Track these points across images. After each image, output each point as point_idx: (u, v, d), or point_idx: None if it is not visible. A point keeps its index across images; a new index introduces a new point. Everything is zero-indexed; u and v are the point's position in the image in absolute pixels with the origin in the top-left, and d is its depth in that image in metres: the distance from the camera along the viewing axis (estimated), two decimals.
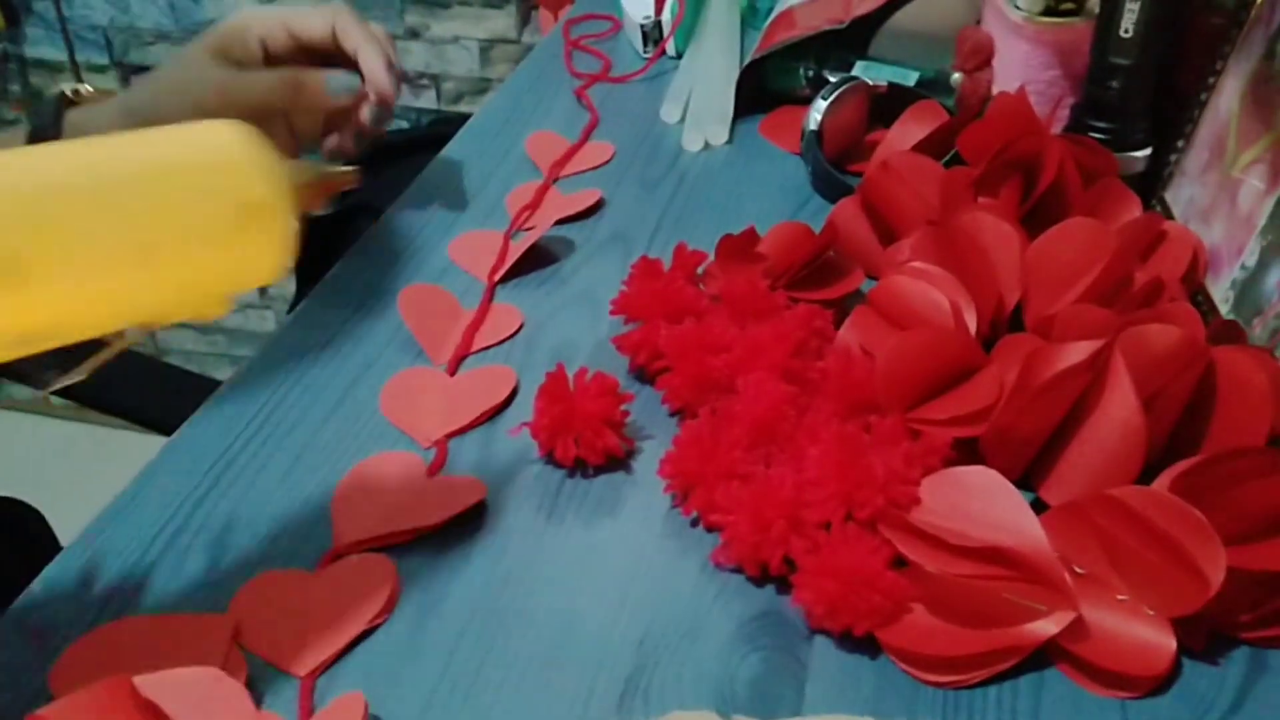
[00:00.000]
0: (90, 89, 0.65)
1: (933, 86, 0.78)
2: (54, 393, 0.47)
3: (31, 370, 0.39)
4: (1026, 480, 0.49)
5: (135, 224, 0.36)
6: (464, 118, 0.87)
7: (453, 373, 0.59)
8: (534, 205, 0.73)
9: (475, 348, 0.61)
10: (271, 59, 0.64)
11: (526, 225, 0.72)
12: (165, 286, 0.38)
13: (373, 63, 0.65)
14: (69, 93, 0.64)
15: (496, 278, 0.66)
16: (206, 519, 0.51)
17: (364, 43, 0.65)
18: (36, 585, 0.48)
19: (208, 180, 0.38)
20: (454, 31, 2.19)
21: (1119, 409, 0.46)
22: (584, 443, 0.52)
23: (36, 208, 0.34)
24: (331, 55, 0.65)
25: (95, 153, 0.37)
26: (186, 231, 0.37)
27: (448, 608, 0.46)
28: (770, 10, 0.89)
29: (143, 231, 0.36)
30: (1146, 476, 0.45)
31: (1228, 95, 0.61)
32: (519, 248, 0.67)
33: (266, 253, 0.40)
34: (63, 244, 0.34)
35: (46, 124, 0.62)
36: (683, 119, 0.83)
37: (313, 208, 0.49)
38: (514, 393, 0.57)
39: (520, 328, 0.63)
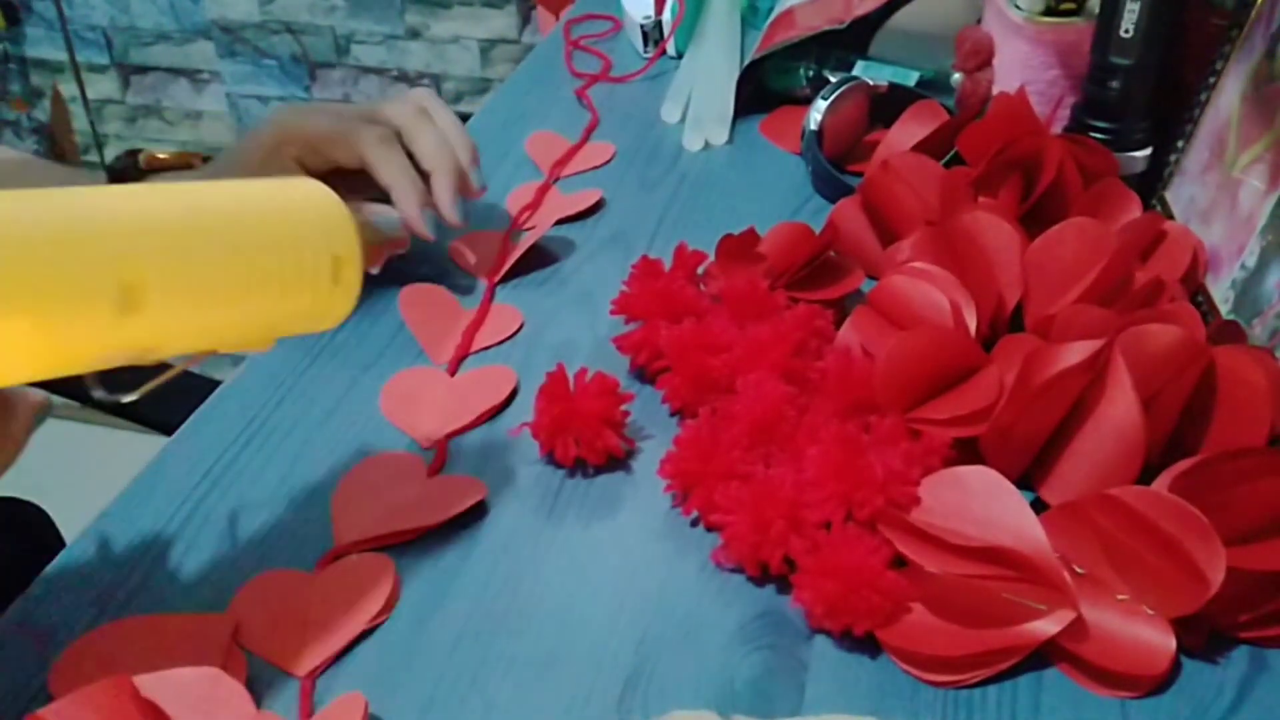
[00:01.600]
0: (167, 154, 0.63)
1: (933, 86, 0.78)
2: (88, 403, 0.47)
3: (82, 384, 0.41)
4: (1026, 480, 0.49)
5: (242, 264, 0.39)
6: (464, 118, 0.87)
7: (453, 373, 0.59)
8: (535, 205, 0.73)
9: (475, 348, 0.61)
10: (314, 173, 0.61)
11: (527, 225, 0.72)
12: (251, 323, 0.42)
13: (405, 205, 0.60)
14: (141, 161, 0.63)
15: (496, 278, 0.66)
16: (206, 519, 0.51)
17: (396, 180, 0.60)
18: (37, 585, 0.48)
19: (307, 231, 0.42)
20: (454, 31, 2.19)
21: (1119, 409, 0.46)
22: (584, 443, 0.52)
23: (160, 240, 0.37)
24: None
25: (211, 195, 0.40)
26: (284, 275, 0.41)
27: (448, 608, 0.46)
28: (770, 10, 0.89)
29: (247, 271, 0.40)
30: (1146, 476, 0.45)
31: (1228, 95, 0.61)
32: (519, 248, 0.68)
33: (341, 301, 0.44)
34: (179, 276, 0.37)
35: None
36: (683, 119, 0.83)
37: (371, 266, 0.53)
38: (514, 393, 0.57)
39: (520, 328, 0.63)
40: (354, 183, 0.59)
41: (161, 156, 0.61)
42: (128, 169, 0.59)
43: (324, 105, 0.60)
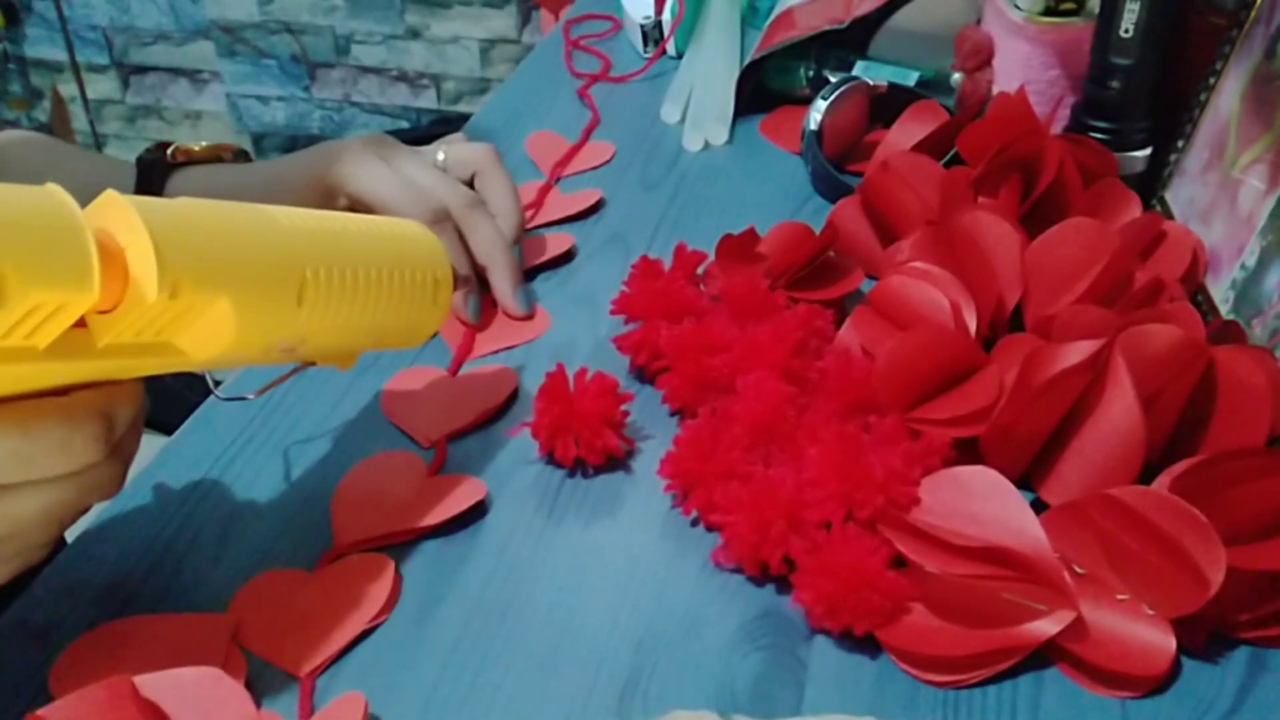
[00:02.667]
0: (198, 146, 0.64)
1: (933, 86, 0.78)
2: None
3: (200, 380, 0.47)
4: (1026, 480, 0.49)
5: (374, 273, 0.45)
6: (464, 118, 0.87)
7: (454, 372, 0.59)
8: (536, 205, 0.73)
9: (478, 353, 0.61)
10: None
11: (528, 226, 0.72)
12: (370, 328, 0.47)
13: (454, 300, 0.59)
14: (169, 155, 0.63)
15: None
16: (207, 519, 0.51)
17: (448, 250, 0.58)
18: (37, 585, 0.48)
19: (417, 253, 0.49)
20: (454, 31, 2.19)
21: (1119, 409, 0.46)
22: (584, 443, 0.52)
23: (322, 246, 0.43)
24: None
25: (351, 219, 0.46)
26: (402, 288, 0.47)
27: (448, 608, 0.46)
28: (770, 10, 0.89)
29: (377, 280, 0.46)
30: (1146, 476, 0.45)
31: (1228, 95, 0.61)
32: (543, 254, 0.67)
33: (436, 319, 0.51)
34: (333, 277, 0.43)
35: (149, 176, 0.62)
36: (683, 119, 0.83)
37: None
38: (514, 393, 0.57)
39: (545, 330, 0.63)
40: None
41: (193, 149, 0.61)
42: (157, 161, 0.60)
43: (387, 153, 0.59)
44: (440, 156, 0.64)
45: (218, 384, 0.51)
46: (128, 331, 0.35)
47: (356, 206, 0.61)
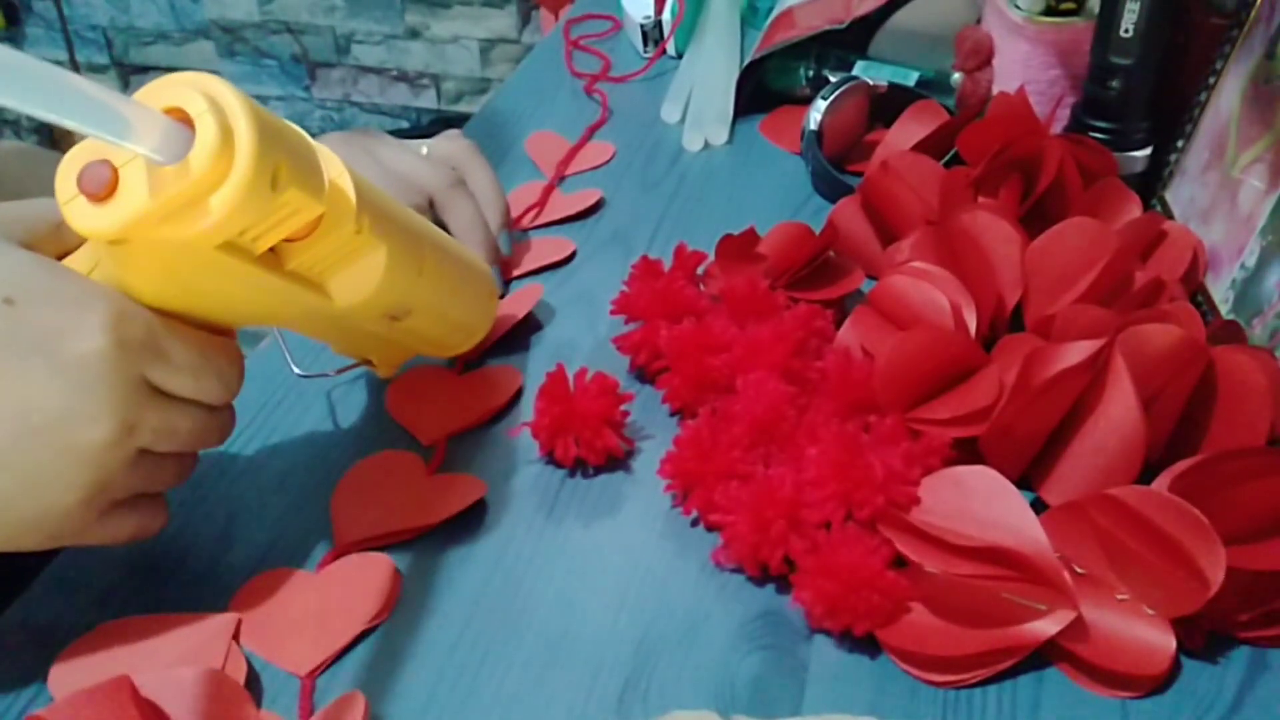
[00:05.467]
0: None
1: (933, 86, 0.78)
2: None
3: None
4: (1026, 480, 0.49)
5: (463, 267, 0.53)
6: (464, 118, 0.87)
7: (460, 371, 0.59)
8: (540, 205, 0.73)
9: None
10: None
11: (528, 225, 0.72)
12: (446, 325, 0.54)
13: None
14: None
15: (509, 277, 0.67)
16: (207, 519, 0.51)
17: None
18: (37, 585, 0.48)
19: (481, 267, 0.56)
20: (454, 31, 2.19)
21: (1119, 409, 0.46)
22: (584, 443, 0.52)
23: (432, 236, 0.50)
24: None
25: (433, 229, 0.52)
26: (476, 293, 0.55)
27: (448, 608, 0.46)
28: (770, 10, 0.89)
29: (465, 273, 0.53)
30: (1146, 476, 0.45)
31: (1228, 95, 0.61)
32: (536, 258, 0.67)
33: (484, 326, 0.57)
34: (441, 262, 0.50)
35: None
36: (683, 119, 0.83)
37: None
38: (518, 392, 0.57)
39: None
40: None
41: None
42: None
43: (370, 143, 0.61)
44: (424, 151, 0.65)
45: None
46: (307, 260, 0.42)
47: None
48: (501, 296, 0.64)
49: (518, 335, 0.62)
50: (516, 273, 0.68)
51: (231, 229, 0.37)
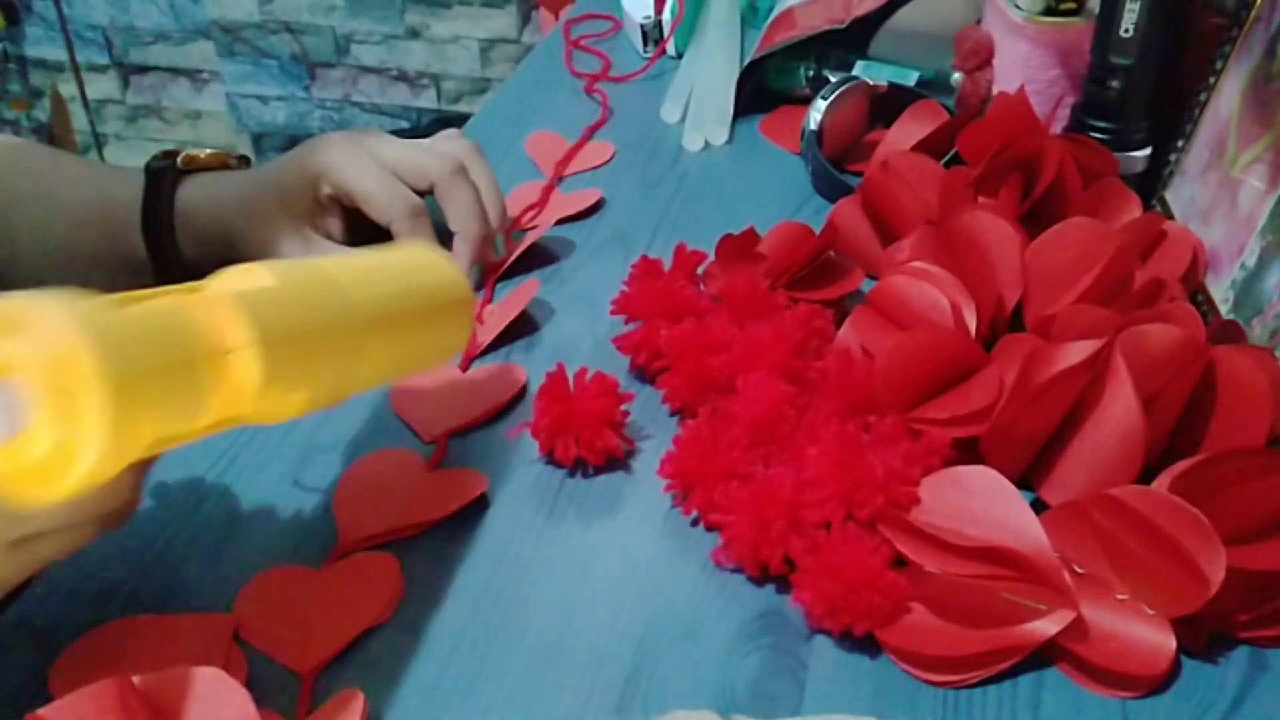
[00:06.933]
0: (204, 154, 0.66)
1: (933, 86, 0.78)
2: None
3: None
4: (1026, 480, 0.49)
5: (415, 303, 0.48)
6: (464, 118, 0.87)
7: (465, 368, 0.59)
8: (541, 204, 0.73)
9: (481, 339, 0.61)
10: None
11: (528, 225, 0.72)
12: (410, 363, 0.50)
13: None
14: (178, 162, 0.65)
15: (497, 276, 0.67)
16: (207, 518, 0.51)
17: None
18: (37, 585, 0.48)
19: (445, 279, 0.51)
20: (454, 31, 2.19)
21: (1119, 409, 0.46)
22: (584, 443, 0.52)
23: (378, 304, 0.45)
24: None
25: (381, 257, 0.49)
26: (438, 321, 0.50)
27: (448, 607, 0.46)
28: (770, 10, 0.89)
29: (420, 322, 0.48)
30: (1146, 476, 0.45)
31: (1228, 95, 0.61)
32: (519, 247, 0.68)
33: (461, 337, 0.52)
34: (389, 336, 0.46)
35: (158, 184, 0.64)
36: (683, 119, 0.83)
37: None
38: (522, 390, 0.58)
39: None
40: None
41: (199, 156, 0.63)
42: (166, 169, 0.61)
43: (372, 143, 0.63)
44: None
45: None
46: (218, 415, 0.38)
47: (339, 195, 0.62)
48: (478, 289, 0.64)
49: (518, 335, 0.62)
50: (548, 220, 0.70)
51: (102, 477, 0.34)
